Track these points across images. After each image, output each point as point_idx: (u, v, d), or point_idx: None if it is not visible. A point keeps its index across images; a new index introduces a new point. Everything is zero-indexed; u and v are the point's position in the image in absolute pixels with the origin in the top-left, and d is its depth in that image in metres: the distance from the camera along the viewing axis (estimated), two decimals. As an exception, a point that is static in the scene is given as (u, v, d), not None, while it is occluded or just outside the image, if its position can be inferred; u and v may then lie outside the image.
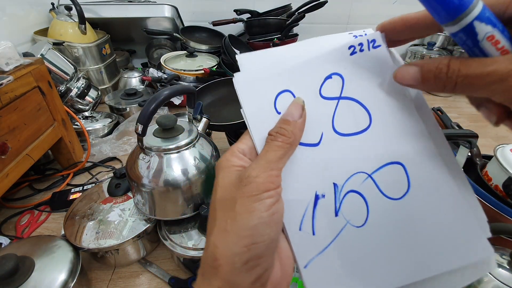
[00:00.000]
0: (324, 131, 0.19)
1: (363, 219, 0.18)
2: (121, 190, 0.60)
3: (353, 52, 0.19)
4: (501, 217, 0.57)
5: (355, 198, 0.19)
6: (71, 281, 0.45)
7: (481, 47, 0.14)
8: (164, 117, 0.50)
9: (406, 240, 0.18)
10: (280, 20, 1.34)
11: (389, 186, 0.18)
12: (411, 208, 0.18)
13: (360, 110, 0.19)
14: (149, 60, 1.48)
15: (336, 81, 0.20)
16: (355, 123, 0.19)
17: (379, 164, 0.18)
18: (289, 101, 0.20)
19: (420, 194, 0.18)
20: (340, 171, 0.19)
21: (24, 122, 0.65)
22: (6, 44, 0.62)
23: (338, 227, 0.18)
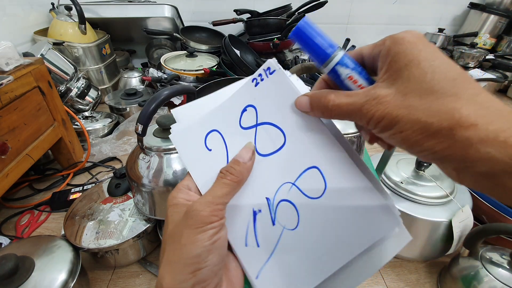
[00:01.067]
0: None
1: (296, 221, 0.21)
2: (121, 190, 0.60)
3: (256, 83, 0.22)
4: (501, 217, 0.57)
5: (286, 205, 0.21)
6: (71, 281, 0.45)
7: (345, 84, 0.19)
8: (164, 117, 0.50)
9: (332, 231, 0.20)
10: (280, 20, 1.34)
11: (310, 188, 0.21)
12: (330, 202, 0.20)
13: (275, 130, 0.22)
14: (149, 60, 1.48)
15: (251, 112, 0.23)
16: (272, 143, 0.22)
17: (299, 172, 0.21)
18: (218, 139, 0.24)
19: (335, 188, 0.20)
20: (269, 186, 0.22)
21: (24, 122, 0.65)
22: (6, 44, 0.62)
23: (277, 234, 0.21)
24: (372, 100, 0.16)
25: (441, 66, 0.15)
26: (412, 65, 0.15)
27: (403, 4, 1.59)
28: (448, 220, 0.53)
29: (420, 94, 0.15)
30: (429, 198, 0.55)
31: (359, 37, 1.66)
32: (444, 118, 0.14)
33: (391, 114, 0.15)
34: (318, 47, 0.19)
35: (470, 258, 0.52)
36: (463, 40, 1.58)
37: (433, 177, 0.57)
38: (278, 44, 1.30)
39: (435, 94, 0.14)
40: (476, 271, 0.49)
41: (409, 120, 0.15)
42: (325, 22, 1.61)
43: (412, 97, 0.15)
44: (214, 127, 0.24)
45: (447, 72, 0.15)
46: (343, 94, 0.18)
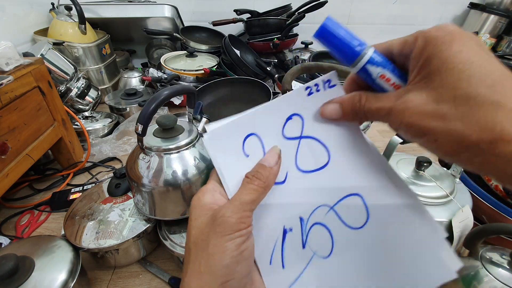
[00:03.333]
0: (288, 170, 0.21)
1: (329, 249, 0.19)
2: (121, 190, 0.60)
3: (310, 92, 0.20)
4: (501, 217, 0.57)
5: (320, 229, 0.20)
6: (71, 281, 0.45)
7: (377, 83, 0.18)
8: (164, 117, 0.50)
9: (371, 268, 0.18)
10: (280, 20, 1.34)
11: (350, 216, 0.19)
12: (373, 236, 0.18)
13: (319, 147, 0.21)
14: (149, 60, 1.48)
15: (297, 122, 0.21)
16: (315, 160, 0.21)
17: (339, 197, 0.20)
18: (256, 144, 0.21)
19: (379, 221, 0.18)
20: (305, 206, 0.20)
21: (24, 122, 0.65)
22: (6, 44, 0.62)
23: (306, 259, 0.19)
24: (403, 105, 0.15)
25: (479, 69, 0.13)
26: (445, 69, 0.14)
27: (403, 4, 1.59)
28: (448, 220, 0.53)
29: (455, 102, 0.13)
30: (429, 198, 0.55)
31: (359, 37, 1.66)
32: (484, 130, 0.13)
33: (422, 122, 0.14)
34: (346, 46, 0.18)
35: (470, 258, 0.52)
36: (463, 40, 1.57)
37: (433, 177, 0.57)
38: (278, 44, 1.30)
39: (472, 102, 0.13)
40: (476, 271, 0.49)
41: (443, 130, 0.14)
42: (325, 22, 1.61)
43: (446, 105, 0.14)
44: (254, 130, 0.21)
45: (486, 76, 0.13)
46: (373, 97, 0.18)
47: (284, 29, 1.31)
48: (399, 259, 0.18)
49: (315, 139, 0.21)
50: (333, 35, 0.18)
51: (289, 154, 0.21)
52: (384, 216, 0.18)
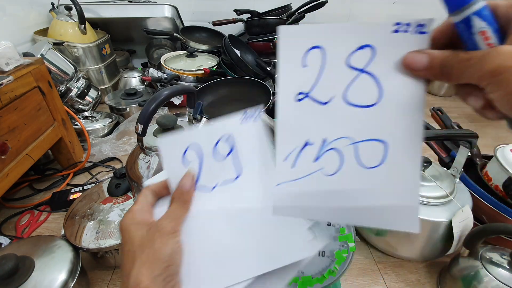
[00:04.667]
0: (335, 96, 0.22)
1: (334, 171, 0.23)
2: (121, 190, 0.60)
3: (396, 30, 0.20)
4: (501, 217, 0.57)
5: (334, 155, 0.23)
6: (71, 281, 0.45)
7: (473, 39, 0.17)
8: (164, 117, 0.50)
9: (357, 197, 0.23)
10: (280, 20, 1.34)
11: (366, 156, 0.22)
12: (375, 178, 0.22)
13: (374, 88, 0.21)
14: (149, 60, 1.48)
15: (366, 53, 0.21)
16: (363, 97, 0.21)
17: (366, 137, 0.22)
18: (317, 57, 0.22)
19: (387, 171, 0.21)
20: (332, 131, 0.22)
21: (24, 122, 0.65)
22: (6, 44, 0.62)
23: (312, 169, 0.23)
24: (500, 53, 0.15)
25: None
26: None
27: (403, 4, 1.59)
28: (448, 220, 0.53)
29: None
30: (429, 198, 0.55)
31: (359, 37, 1.66)
32: None
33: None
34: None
35: (470, 258, 0.52)
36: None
37: (433, 177, 0.57)
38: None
39: None
40: (476, 271, 0.49)
41: None
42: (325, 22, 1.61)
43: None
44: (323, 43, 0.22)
45: None
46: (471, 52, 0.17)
47: (284, 29, 1.31)
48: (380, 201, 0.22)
49: (376, 79, 0.21)
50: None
51: (343, 81, 0.21)
52: (393, 168, 0.21)
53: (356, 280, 0.58)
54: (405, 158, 0.21)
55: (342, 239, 0.45)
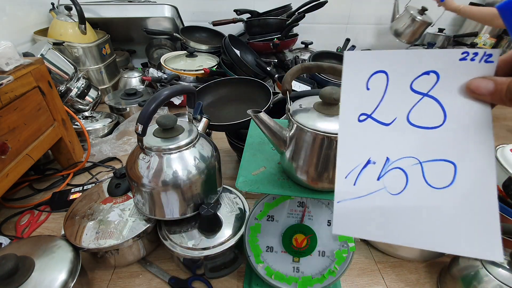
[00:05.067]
0: (398, 117, 0.23)
1: (398, 191, 0.23)
2: (121, 190, 0.60)
3: (463, 58, 0.21)
4: (501, 217, 0.57)
5: (399, 173, 0.23)
6: (71, 281, 0.45)
7: None
8: (164, 117, 0.50)
9: (425, 218, 0.22)
10: (280, 20, 1.34)
11: (433, 176, 0.22)
12: (446, 199, 0.21)
13: (438, 111, 0.22)
14: (149, 60, 1.48)
15: (430, 79, 0.22)
16: (427, 119, 0.22)
17: (434, 157, 0.22)
18: (381, 81, 0.23)
19: (459, 191, 0.21)
20: (396, 151, 0.23)
21: (24, 122, 0.65)
22: (6, 44, 0.62)
23: (375, 188, 0.23)
24: None
25: None
26: None
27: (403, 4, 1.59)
28: (448, 220, 0.53)
29: None
30: (429, 198, 0.55)
31: (359, 37, 1.66)
32: None
33: None
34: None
35: (470, 258, 0.52)
36: (463, 40, 1.58)
37: (433, 177, 0.57)
38: (278, 44, 1.30)
39: None
40: (476, 271, 0.49)
41: None
42: (325, 22, 1.61)
43: None
44: (387, 68, 0.22)
45: None
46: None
47: (284, 29, 1.31)
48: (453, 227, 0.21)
49: (439, 102, 0.22)
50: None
51: (406, 104, 0.22)
52: (464, 191, 0.21)
53: (356, 280, 0.58)
54: (478, 179, 0.21)
55: (342, 239, 0.46)
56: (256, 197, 0.73)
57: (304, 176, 0.42)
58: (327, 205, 0.45)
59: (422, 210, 0.22)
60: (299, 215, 0.45)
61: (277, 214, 0.46)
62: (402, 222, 0.22)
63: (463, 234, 0.21)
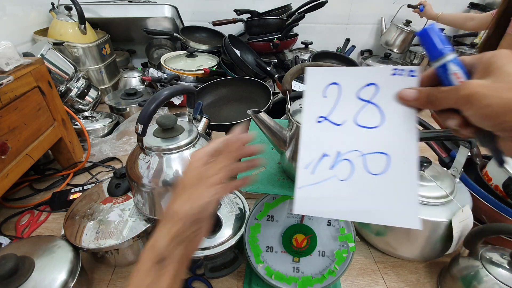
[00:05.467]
0: (347, 119, 0.28)
1: (346, 177, 0.28)
2: (121, 190, 0.60)
3: (394, 73, 0.27)
4: (501, 217, 0.57)
5: (347, 164, 0.29)
6: (71, 281, 0.45)
7: (450, 78, 0.24)
8: (164, 117, 0.50)
9: (365, 198, 0.28)
10: (280, 20, 1.34)
11: (372, 165, 0.28)
12: (381, 183, 0.28)
13: (378, 114, 0.28)
14: (149, 60, 1.48)
15: (372, 89, 0.28)
16: (369, 121, 0.28)
17: (373, 150, 0.28)
18: (334, 91, 0.29)
19: (391, 177, 0.27)
20: (345, 146, 0.29)
21: (24, 122, 0.65)
22: (6, 44, 0.62)
23: (328, 175, 0.29)
24: (469, 84, 0.22)
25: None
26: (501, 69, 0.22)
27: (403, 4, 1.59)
28: (448, 220, 0.53)
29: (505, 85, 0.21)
30: (429, 198, 0.55)
31: (359, 37, 1.66)
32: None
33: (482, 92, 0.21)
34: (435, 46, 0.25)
35: (470, 258, 0.52)
36: (463, 40, 1.58)
37: (433, 177, 0.57)
38: (278, 44, 1.30)
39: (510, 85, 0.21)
40: (476, 271, 0.49)
41: (496, 97, 0.21)
42: (325, 22, 1.61)
43: (499, 84, 0.21)
44: (339, 81, 0.29)
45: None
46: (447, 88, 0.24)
47: (284, 29, 1.31)
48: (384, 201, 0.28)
49: (378, 107, 0.28)
50: (430, 36, 0.25)
51: (354, 109, 0.28)
52: (395, 176, 0.27)
53: (356, 280, 0.58)
54: (405, 166, 0.27)
55: (342, 239, 0.46)
56: (256, 197, 0.73)
57: None
58: (327, 205, 0.45)
59: (363, 192, 0.28)
60: (299, 215, 0.45)
61: (277, 214, 0.46)
62: (347, 201, 0.28)
63: (391, 209, 0.27)
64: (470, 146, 0.58)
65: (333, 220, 0.45)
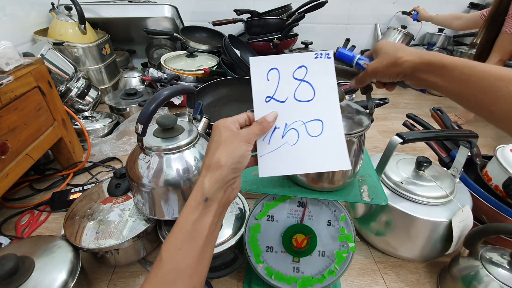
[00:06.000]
0: (288, 96, 0.36)
1: (295, 141, 0.35)
2: (121, 190, 0.60)
3: (316, 57, 0.35)
4: (501, 217, 0.57)
5: (293, 132, 0.35)
6: (71, 281, 0.45)
7: (362, 67, 0.41)
8: (164, 117, 0.50)
9: (310, 154, 0.35)
10: (280, 20, 1.34)
11: (311, 130, 0.35)
12: (319, 142, 0.35)
13: (310, 89, 0.35)
14: (149, 60, 1.48)
15: (303, 70, 0.36)
16: (305, 96, 0.35)
17: (310, 118, 0.35)
18: (275, 75, 0.36)
19: (326, 136, 0.35)
20: (290, 118, 0.35)
21: (24, 122, 0.65)
22: (6, 44, 0.62)
23: (281, 143, 0.35)
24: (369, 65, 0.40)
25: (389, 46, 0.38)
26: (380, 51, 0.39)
27: (403, 4, 1.59)
28: (448, 220, 0.53)
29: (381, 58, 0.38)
30: (429, 198, 0.55)
31: (359, 37, 1.66)
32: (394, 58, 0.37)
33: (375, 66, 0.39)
34: (349, 57, 0.42)
35: (470, 258, 0.52)
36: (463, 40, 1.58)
37: (433, 177, 0.57)
38: (278, 44, 1.30)
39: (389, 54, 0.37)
40: (476, 271, 0.49)
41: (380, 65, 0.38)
42: (325, 22, 1.61)
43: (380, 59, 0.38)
44: (277, 66, 0.35)
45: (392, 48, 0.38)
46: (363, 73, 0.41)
47: (284, 29, 1.31)
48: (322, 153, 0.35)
49: (310, 84, 0.35)
50: (343, 53, 0.43)
51: (292, 87, 0.35)
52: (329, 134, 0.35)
53: (356, 280, 0.58)
54: (334, 127, 0.35)
55: (342, 239, 0.45)
56: (256, 197, 0.73)
57: (304, 177, 0.42)
58: (327, 205, 0.45)
59: (308, 150, 0.35)
60: (299, 215, 0.45)
61: (277, 214, 0.46)
62: (297, 160, 0.35)
63: (329, 159, 0.35)
64: (470, 146, 0.58)
65: (333, 220, 0.45)
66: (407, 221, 0.55)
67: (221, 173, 0.30)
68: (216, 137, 0.32)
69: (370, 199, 0.42)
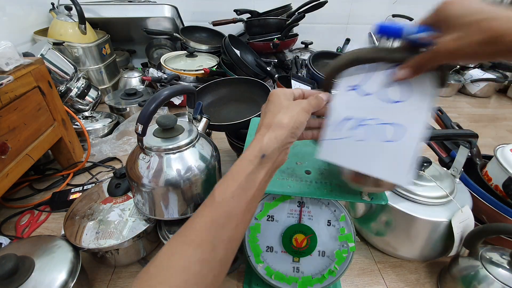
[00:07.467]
0: (376, 91, 0.34)
1: (361, 138, 0.34)
2: (121, 190, 0.60)
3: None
4: (501, 217, 0.57)
5: (363, 129, 0.34)
6: (71, 281, 0.45)
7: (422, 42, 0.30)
8: (164, 117, 0.50)
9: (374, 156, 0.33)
10: (280, 20, 1.34)
11: (385, 132, 0.33)
12: (389, 147, 0.32)
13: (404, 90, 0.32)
14: (149, 60, 1.48)
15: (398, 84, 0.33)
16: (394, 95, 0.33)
17: (389, 121, 0.33)
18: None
19: (398, 144, 0.32)
20: (367, 113, 0.34)
21: (24, 122, 0.65)
22: (6, 44, 0.62)
23: (348, 135, 0.34)
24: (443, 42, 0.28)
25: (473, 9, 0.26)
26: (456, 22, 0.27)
27: (403, 4, 1.59)
28: (448, 220, 0.53)
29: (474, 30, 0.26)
30: (429, 198, 0.55)
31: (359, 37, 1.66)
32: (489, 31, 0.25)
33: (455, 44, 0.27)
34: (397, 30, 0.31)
35: (470, 258, 0.52)
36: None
37: (433, 177, 0.57)
38: (278, 44, 1.30)
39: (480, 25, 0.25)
40: (476, 271, 0.49)
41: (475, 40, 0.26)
42: (325, 22, 1.61)
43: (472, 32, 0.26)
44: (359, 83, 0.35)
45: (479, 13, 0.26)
46: None
47: (284, 29, 1.31)
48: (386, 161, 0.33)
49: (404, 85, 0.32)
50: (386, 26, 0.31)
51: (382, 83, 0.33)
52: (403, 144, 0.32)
53: (356, 280, 0.58)
54: (411, 139, 0.31)
55: (342, 239, 0.45)
56: (256, 197, 0.73)
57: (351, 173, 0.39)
58: (327, 205, 0.45)
59: (373, 151, 0.33)
60: (299, 215, 0.45)
61: (277, 214, 0.46)
62: (357, 157, 0.34)
63: (391, 168, 0.32)
64: (470, 146, 0.58)
65: (333, 220, 0.45)
66: (407, 221, 0.55)
67: (282, 133, 0.31)
68: (277, 102, 0.33)
69: (370, 198, 0.42)
